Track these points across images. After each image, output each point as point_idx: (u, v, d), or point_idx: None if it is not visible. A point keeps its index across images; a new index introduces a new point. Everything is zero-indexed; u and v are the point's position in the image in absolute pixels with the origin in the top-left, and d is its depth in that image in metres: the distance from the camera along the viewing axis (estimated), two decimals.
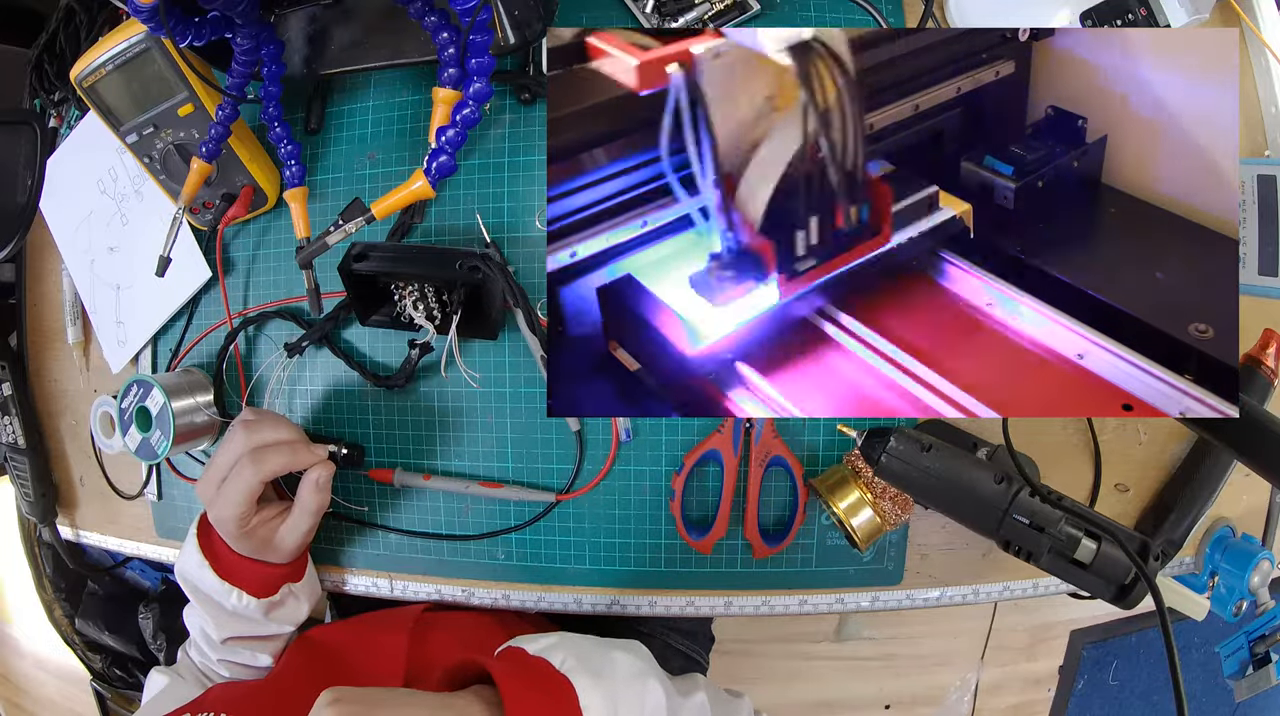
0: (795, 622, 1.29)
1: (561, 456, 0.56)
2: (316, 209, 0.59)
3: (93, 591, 0.92)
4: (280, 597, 0.54)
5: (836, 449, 0.54)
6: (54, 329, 0.72)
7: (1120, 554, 0.40)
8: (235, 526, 0.50)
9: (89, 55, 0.53)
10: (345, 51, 0.53)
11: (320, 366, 0.60)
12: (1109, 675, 1.34)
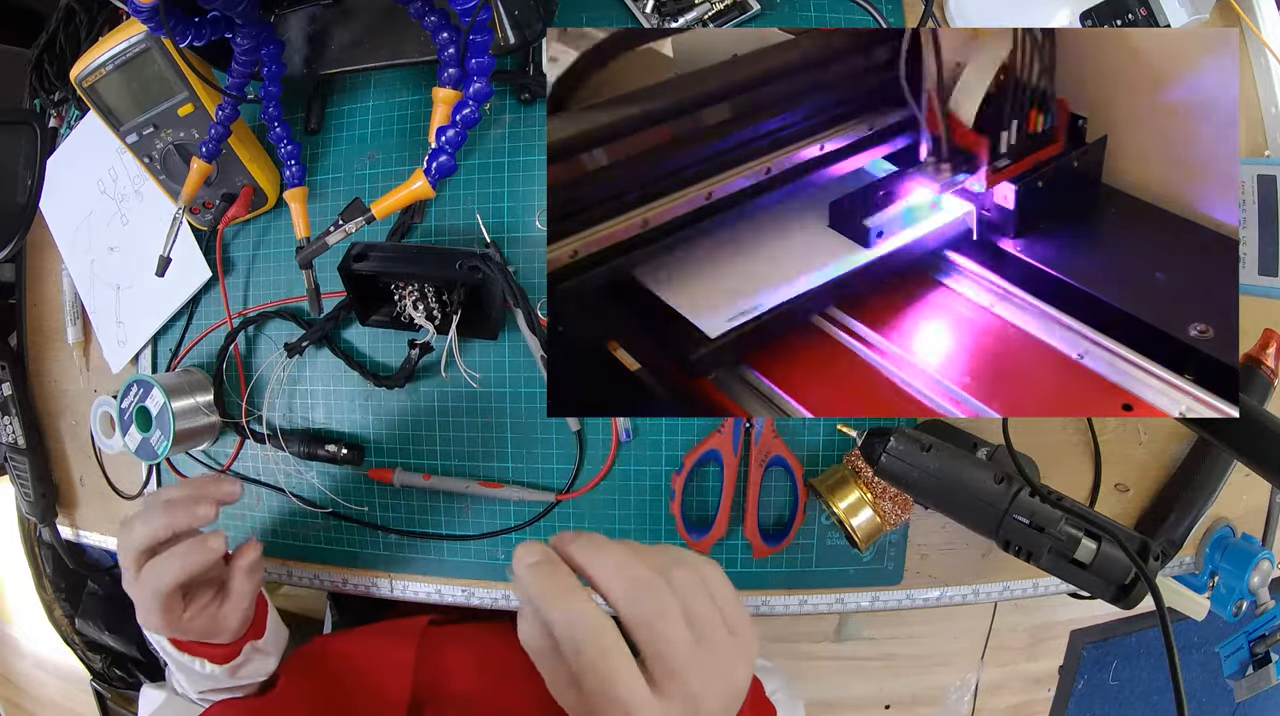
0: (795, 622, 1.29)
1: (561, 456, 0.56)
2: (316, 209, 0.59)
3: (93, 591, 0.91)
4: (244, 658, 0.51)
5: (836, 449, 0.54)
6: (54, 329, 0.72)
7: (1120, 554, 0.40)
8: (165, 628, 0.45)
9: (89, 55, 0.53)
10: (345, 51, 0.53)
11: (320, 366, 0.60)
12: (1109, 675, 1.34)
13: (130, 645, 0.91)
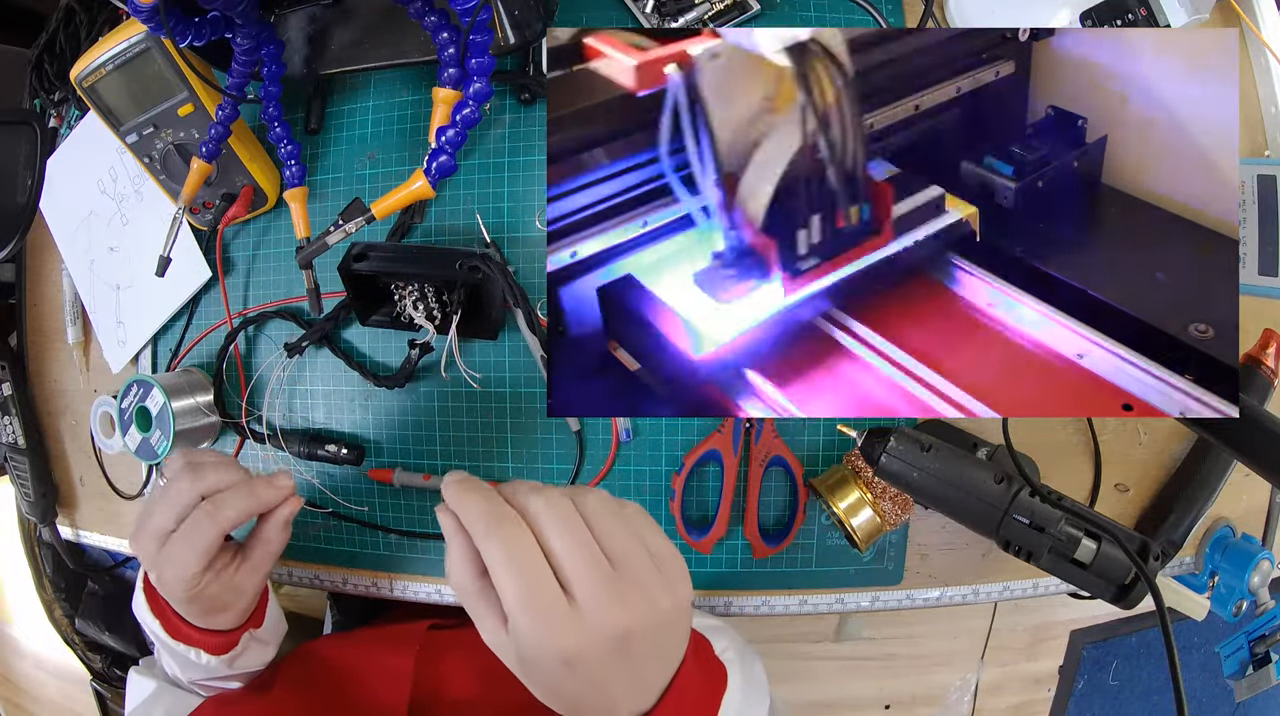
0: (795, 622, 1.29)
1: (561, 456, 0.56)
2: (316, 209, 0.59)
3: (93, 591, 0.91)
4: (241, 648, 0.48)
5: (836, 449, 0.54)
6: (54, 329, 0.72)
7: (1120, 554, 0.40)
8: (185, 589, 0.42)
9: (89, 55, 0.53)
10: (345, 51, 0.53)
11: (320, 366, 0.60)
12: (1109, 675, 1.34)
13: (130, 645, 0.91)
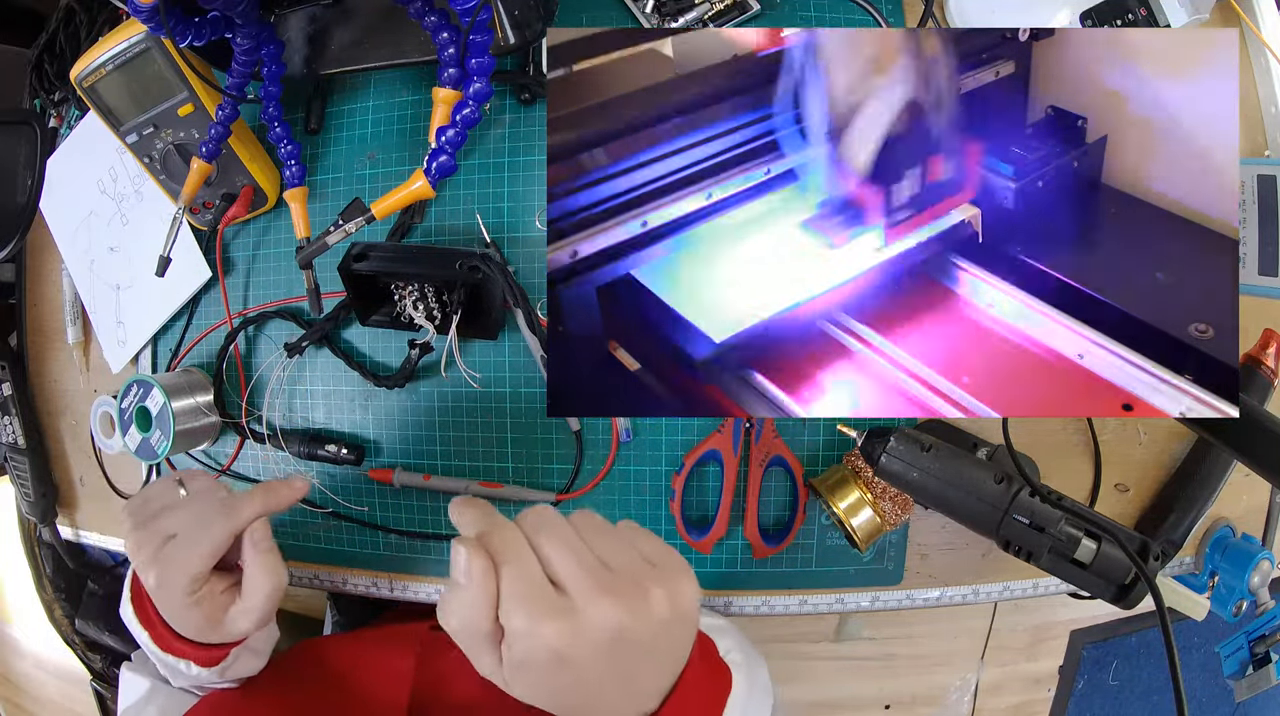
0: (795, 622, 1.29)
1: (561, 456, 0.56)
2: (316, 209, 0.59)
3: (93, 591, 0.91)
4: (232, 659, 0.46)
5: (836, 449, 0.54)
6: (54, 329, 0.72)
7: (1120, 554, 0.40)
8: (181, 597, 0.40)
9: (89, 55, 0.53)
10: (345, 51, 0.53)
11: (320, 366, 0.60)
12: (1109, 675, 1.34)
13: (130, 645, 0.91)
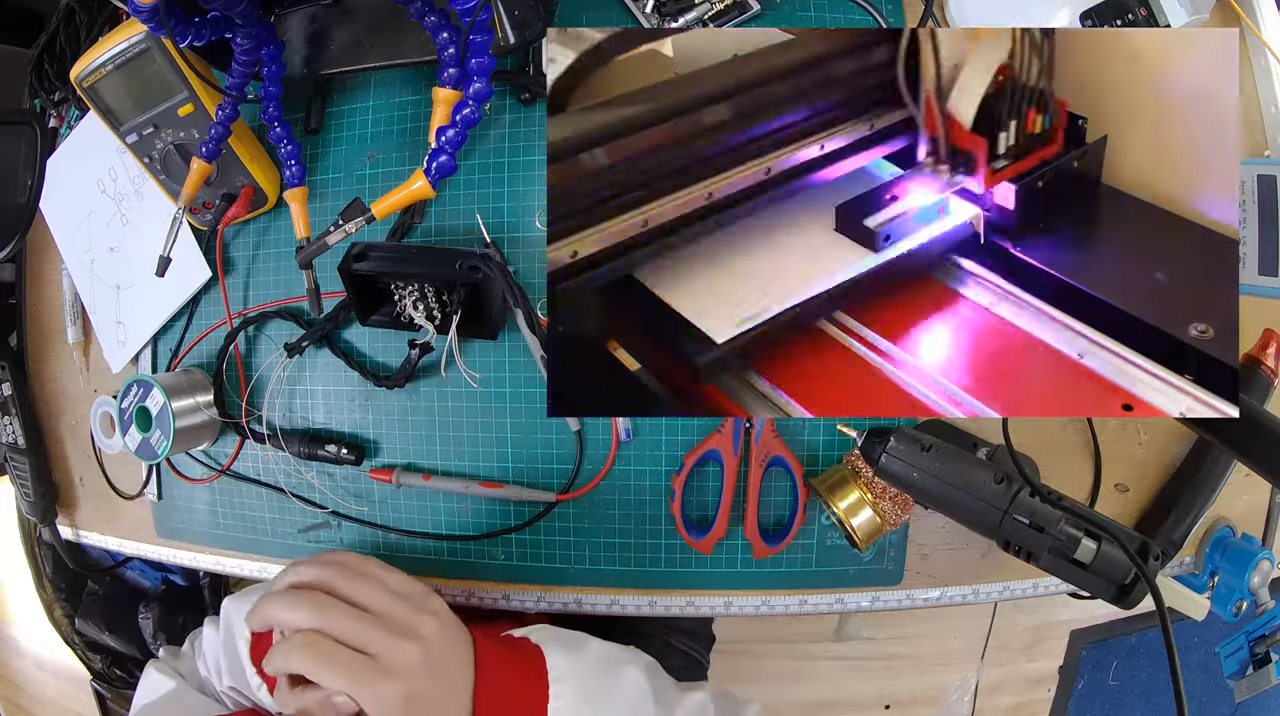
0: (795, 622, 1.29)
1: (561, 456, 0.56)
2: (316, 209, 0.59)
3: (93, 591, 0.92)
4: None
5: (836, 449, 0.54)
6: (54, 329, 0.72)
7: (1120, 554, 0.40)
8: None
9: (89, 55, 0.53)
10: (345, 51, 0.53)
11: (320, 366, 0.60)
12: (1109, 675, 1.34)
13: (130, 645, 0.91)
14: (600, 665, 0.43)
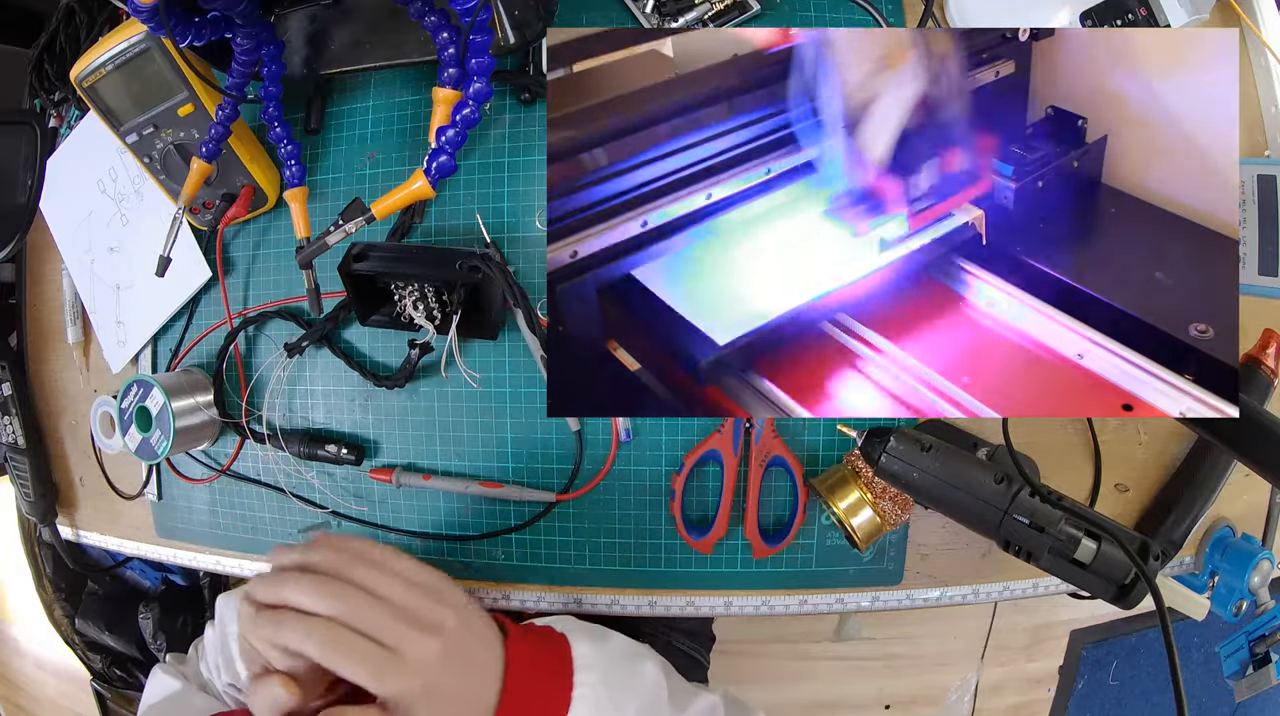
0: (795, 622, 1.29)
1: (561, 456, 0.56)
2: (316, 209, 0.59)
3: (93, 591, 0.92)
4: None
5: (836, 449, 0.54)
6: (54, 329, 0.72)
7: (1120, 554, 0.40)
8: None
9: (89, 55, 0.53)
10: (345, 51, 0.53)
11: (320, 366, 0.60)
12: (1109, 675, 1.34)
13: (130, 645, 0.91)
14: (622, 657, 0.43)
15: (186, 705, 0.51)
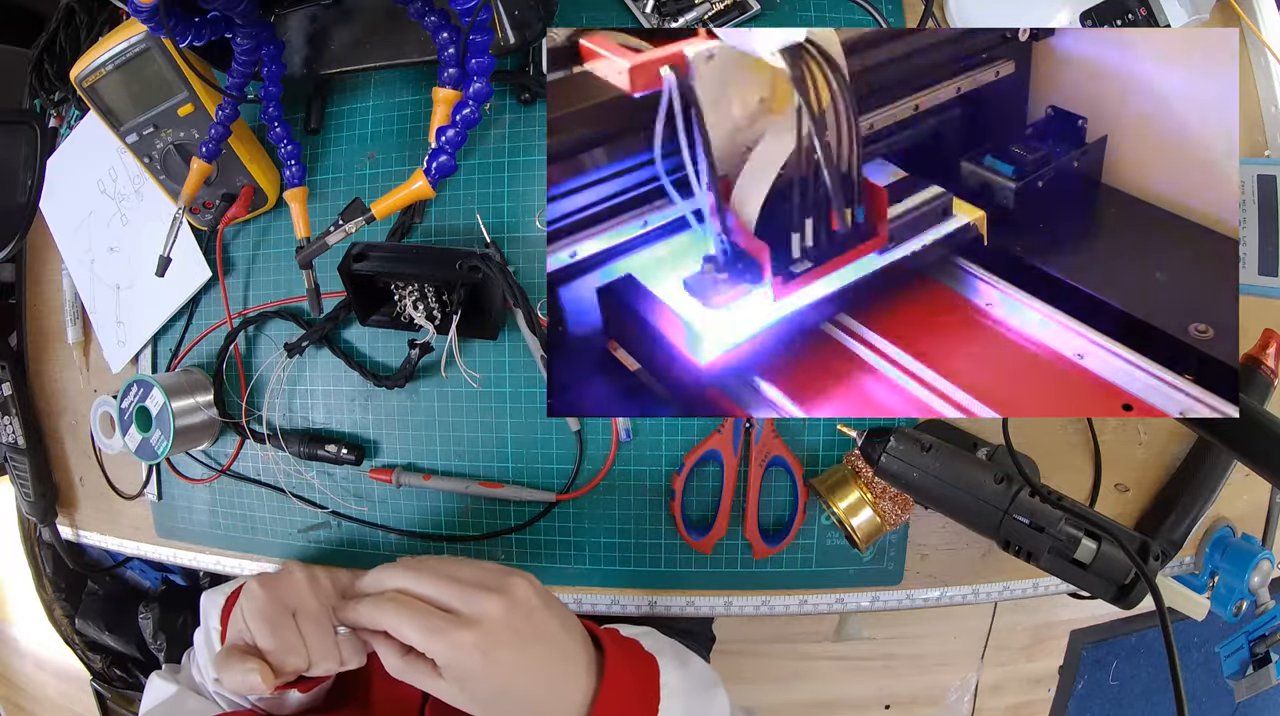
0: (795, 622, 1.29)
1: (561, 456, 0.56)
2: (316, 209, 0.59)
3: (93, 591, 0.91)
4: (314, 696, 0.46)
5: (836, 449, 0.54)
6: (54, 329, 0.72)
7: (1120, 554, 0.40)
8: None
9: (89, 55, 0.53)
10: (345, 51, 0.53)
11: (320, 366, 0.60)
12: (1109, 675, 1.34)
13: (130, 645, 0.91)
14: (701, 685, 0.42)
15: (181, 708, 0.51)
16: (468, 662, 0.35)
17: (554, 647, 0.38)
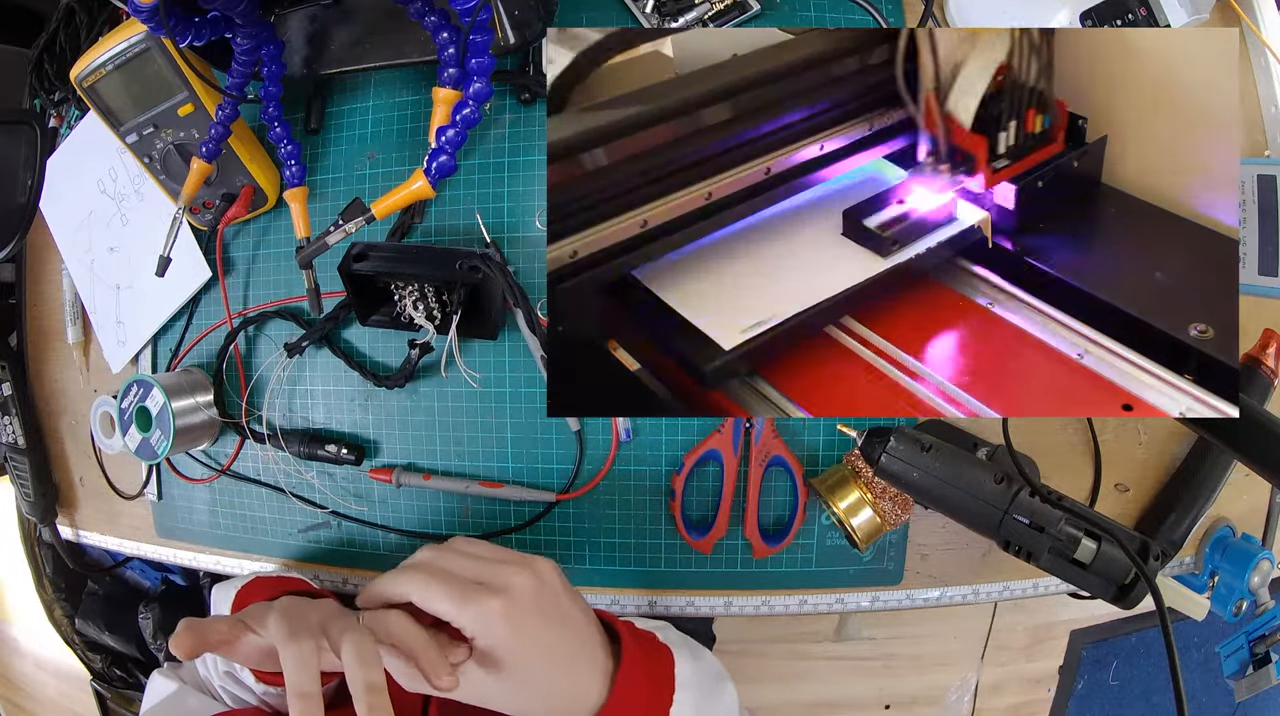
0: (795, 622, 1.29)
1: (561, 456, 0.56)
2: (316, 209, 0.59)
3: (93, 591, 0.91)
4: None
5: (836, 449, 0.54)
6: (54, 329, 0.72)
7: (1120, 554, 0.40)
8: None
9: (89, 55, 0.53)
10: (345, 51, 0.53)
11: (320, 366, 0.60)
12: (1109, 675, 1.34)
13: (130, 645, 0.91)
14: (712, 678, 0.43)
15: (182, 706, 0.51)
16: (498, 631, 0.35)
17: (576, 631, 0.38)
